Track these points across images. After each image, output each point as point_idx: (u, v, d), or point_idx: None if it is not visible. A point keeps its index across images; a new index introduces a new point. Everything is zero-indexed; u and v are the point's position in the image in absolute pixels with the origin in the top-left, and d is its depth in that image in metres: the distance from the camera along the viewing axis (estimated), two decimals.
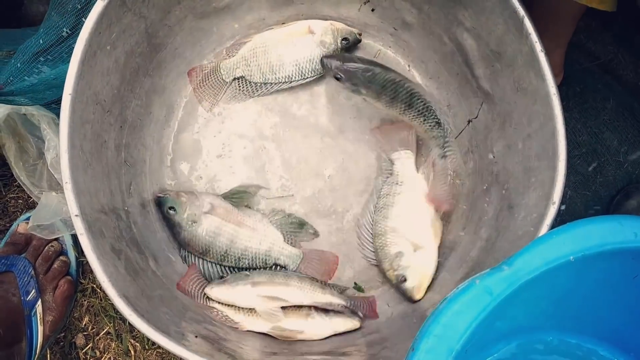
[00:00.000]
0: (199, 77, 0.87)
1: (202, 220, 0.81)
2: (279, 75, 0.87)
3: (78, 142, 0.68)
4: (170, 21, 0.80)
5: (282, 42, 0.86)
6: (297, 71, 0.86)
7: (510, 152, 0.78)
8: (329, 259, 0.86)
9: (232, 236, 0.82)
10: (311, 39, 0.86)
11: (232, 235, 0.82)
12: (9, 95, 0.73)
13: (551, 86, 0.69)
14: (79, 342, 0.91)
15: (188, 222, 0.80)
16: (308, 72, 0.87)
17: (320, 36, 0.86)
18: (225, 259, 0.83)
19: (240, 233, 0.82)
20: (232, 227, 0.82)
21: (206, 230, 0.81)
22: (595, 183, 0.93)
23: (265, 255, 0.83)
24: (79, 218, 0.64)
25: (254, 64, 0.87)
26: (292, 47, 0.86)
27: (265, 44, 0.86)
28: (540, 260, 0.55)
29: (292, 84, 0.88)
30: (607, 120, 0.93)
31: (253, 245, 0.83)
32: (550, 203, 0.67)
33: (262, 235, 0.83)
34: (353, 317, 0.80)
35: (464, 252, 0.82)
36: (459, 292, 0.55)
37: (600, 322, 0.63)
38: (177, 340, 0.64)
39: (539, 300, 0.59)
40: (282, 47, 0.86)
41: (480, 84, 0.82)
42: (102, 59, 0.71)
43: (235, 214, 0.83)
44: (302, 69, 0.87)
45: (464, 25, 0.79)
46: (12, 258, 0.85)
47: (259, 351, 0.73)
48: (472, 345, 0.55)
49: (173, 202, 0.80)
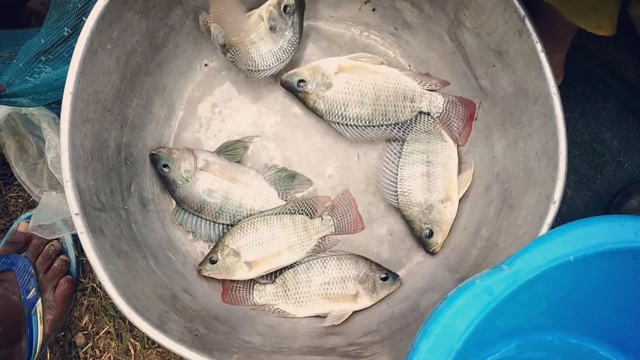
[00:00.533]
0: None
1: (196, 177, 0.81)
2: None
3: (79, 140, 0.68)
4: (171, 20, 0.80)
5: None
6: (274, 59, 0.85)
7: (510, 151, 0.79)
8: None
9: (227, 192, 0.82)
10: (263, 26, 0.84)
11: (226, 191, 0.82)
12: (12, 97, 0.73)
13: (552, 86, 0.69)
14: (79, 341, 0.91)
15: (182, 178, 0.81)
16: (281, 54, 0.85)
17: (267, 22, 0.84)
18: (219, 216, 0.83)
19: (234, 189, 0.83)
20: (227, 183, 0.82)
21: (200, 186, 0.82)
22: (596, 183, 0.93)
23: (259, 212, 0.84)
24: (79, 216, 0.64)
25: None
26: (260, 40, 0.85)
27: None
28: (540, 260, 0.54)
29: (271, 70, 0.85)
30: (608, 120, 0.93)
31: (247, 202, 0.83)
32: (551, 202, 0.67)
33: (257, 191, 0.84)
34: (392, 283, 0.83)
35: (464, 252, 0.82)
36: (459, 291, 0.55)
37: (600, 322, 0.63)
38: (176, 339, 0.64)
39: (539, 300, 0.59)
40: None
41: (481, 83, 0.82)
42: (103, 57, 0.71)
43: (230, 170, 0.83)
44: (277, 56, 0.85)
45: (465, 25, 0.79)
46: (13, 257, 0.86)
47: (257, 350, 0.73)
48: (472, 345, 0.55)
49: (166, 160, 0.81)
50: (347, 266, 0.82)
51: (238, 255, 0.80)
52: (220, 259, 0.80)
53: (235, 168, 0.84)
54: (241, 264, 0.80)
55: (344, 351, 0.75)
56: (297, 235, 0.82)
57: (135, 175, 0.82)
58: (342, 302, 0.82)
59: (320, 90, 0.83)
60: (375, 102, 0.83)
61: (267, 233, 0.81)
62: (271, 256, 0.81)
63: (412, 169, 0.84)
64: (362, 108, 0.84)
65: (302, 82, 0.83)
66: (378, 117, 0.84)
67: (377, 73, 0.84)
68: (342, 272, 0.82)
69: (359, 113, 0.84)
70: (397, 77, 0.84)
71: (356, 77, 0.83)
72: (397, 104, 0.84)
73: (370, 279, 0.82)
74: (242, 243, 0.81)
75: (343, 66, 0.84)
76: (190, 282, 0.82)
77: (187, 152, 0.82)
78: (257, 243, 0.81)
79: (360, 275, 0.82)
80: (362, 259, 0.83)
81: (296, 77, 0.83)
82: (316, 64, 0.84)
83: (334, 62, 0.84)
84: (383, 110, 0.84)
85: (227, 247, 0.80)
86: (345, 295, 0.82)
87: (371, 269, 0.83)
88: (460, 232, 0.85)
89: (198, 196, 0.82)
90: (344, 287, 0.82)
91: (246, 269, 0.80)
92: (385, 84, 0.84)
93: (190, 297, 0.79)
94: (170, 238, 0.84)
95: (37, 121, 0.81)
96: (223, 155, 0.85)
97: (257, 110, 0.89)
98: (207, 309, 0.79)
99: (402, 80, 0.84)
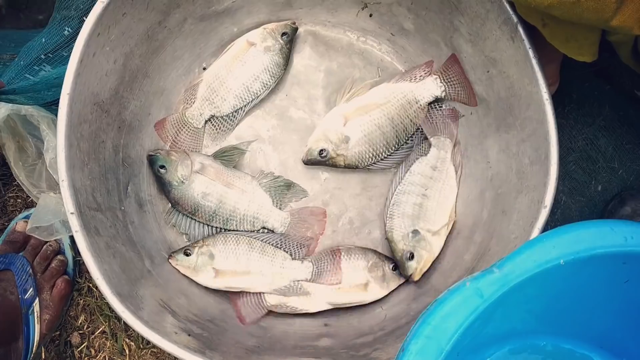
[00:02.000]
0: (171, 132, 0.87)
1: (192, 179, 0.82)
2: (246, 97, 0.87)
3: (75, 140, 0.69)
4: (170, 24, 0.81)
5: (232, 66, 0.87)
6: (260, 85, 0.87)
7: (504, 156, 0.79)
8: (316, 213, 0.87)
9: (221, 196, 0.83)
10: (255, 50, 0.87)
11: (221, 195, 0.83)
12: (11, 94, 0.74)
13: (544, 92, 0.70)
14: (74, 340, 0.92)
15: (178, 180, 0.82)
16: (268, 80, 0.87)
17: (262, 43, 0.87)
18: (213, 219, 0.84)
19: (229, 194, 0.83)
20: (222, 187, 0.83)
21: (196, 189, 0.83)
22: (590, 189, 0.93)
23: (253, 218, 0.84)
24: (74, 215, 0.65)
25: (218, 100, 0.87)
26: (243, 66, 0.86)
27: (218, 76, 0.86)
28: (530, 263, 0.55)
29: (260, 97, 0.88)
30: (603, 127, 0.93)
31: (241, 206, 0.84)
32: (542, 207, 0.68)
33: (251, 197, 0.84)
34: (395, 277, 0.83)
35: (457, 256, 0.82)
36: (449, 293, 0.55)
37: (593, 327, 0.63)
38: (169, 338, 0.65)
39: (531, 304, 0.59)
40: (236, 71, 0.86)
41: (476, 89, 0.82)
42: (100, 59, 0.72)
43: (225, 174, 0.84)
44: (263, 80, 0.87)
45: (460, 32, 0.80)
46: (11, 256, 0.86)
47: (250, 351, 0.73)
48: (463, 348, 0.55)
49: (164, 161, 0.82)
50: (356, 257, 0.83)
51: (212, 259, 0.81)
52: (194, 255, 0.81)
53: (231, 173, 0.85)
54: (209, 269, 0.81)
55: (337, 352, 0.75)
56: (272, 269, 0.82)
57: (133, 176, 0.83)
58: (354, 291, 0.82)
59: (343, 148, 0.84)
60: (393, 125, 0.84)
61: (245, 251, 0.82)
62: (239, 273, 0.81)
63: (407, 197, 0.84)
64: (386, 137, 0.85)
65: (323, 151, 0.84)
66: (402, 135, 0.85)
67: (379, 102, 0.84)
68: (351, 263, 0.83)
69: (387, 143, 0.85)
70: (394, 91, 0.85)
71: (365, 117, 0.84)
72: (409, 114, 0.85)
73: (380, 268, 0.83)
74: (220, 249, 0.82)
75: (346, 114, 0.84)
76: (185, 283, 0.82)
77: (184, 155, 0.83)
78: (233, 255, 0.82)
79: (369, 264, 0.83)
80: (370, 250, 0.84)
81: (315, 151, 0.84)
82: (322, 128, 0.85)
83: (337, 116, 0.85)
84: (402, 127, 0.85)
85: (206, 247, 0.81)
86: (355, 284, 0.82)
87: (380, 258, 0.83)
88: (454, 237, 0.85)
89: (193, 198, 0.83)
90: (354, 277, 0.82)
91: (212, 274, 0.81)
92: (391, 105, 0.84)
93: (185, 298, 0.79)
94: (166, 239, 0.85)
95: (37, 122, 0.82)
96: (219, 160, 0.85)
97: (253, 114, 0.90)
98: (202, 310, 0.79)
99: (399, 90, 0.85)
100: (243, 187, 0.84)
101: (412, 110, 0.85)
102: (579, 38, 0.60)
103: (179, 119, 0.87)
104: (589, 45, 0.61)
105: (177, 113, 0.87)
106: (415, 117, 0.85)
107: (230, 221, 0.84)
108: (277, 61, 0.87)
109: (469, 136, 0.86)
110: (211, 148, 0.89)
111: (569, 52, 0.62)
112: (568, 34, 0.60)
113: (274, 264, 0.82)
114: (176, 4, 0.79)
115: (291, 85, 0.91)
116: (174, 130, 0.87)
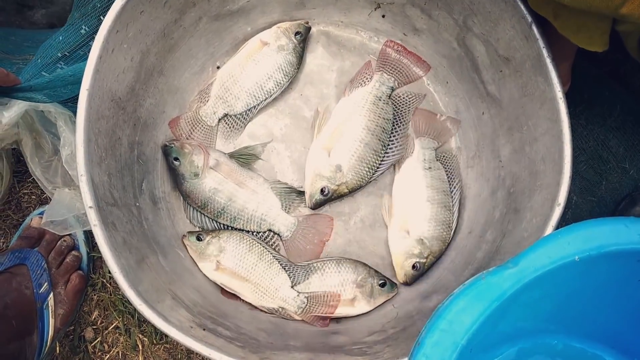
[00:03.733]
0: (185, 130, 0.88)
1: (205, 174, 0.83)
2: (259, 96, 0.88)
3: (93, 136, 0.70)
4: (185, 22, 0.82)
5: (246, 65, 0.87)
6: (273, 84, 0.88)
7: (516, 155, 0.79)
8: (324, 221, 0.87)
9: (232, 195, 0.84)
10: (269, 49, 0.88)
11: (231, 193, 0.84)
12: (27, 92, 0.75)
13: (558, 90, 0.70)
14: (88, 335, 0.92)
15: (190, 174, 0.83)
16: (281, 79, 0.88)
17: (275, 42, 0.88)
18: (221, 216, 0.84)
19: (240, 193, 0.84)
20: (233, 186, 0.84)
21: (207, 184, 0.83)
22: (601, 189, 0.93)
23: (260, 219, 0.85)
24: (93, 210, 0.66)
25: (231, 98, 0.87)
26: (257, 65, 0.87)
27: (232, 75, 0.87)
28: (545, 259, 0.55)
29: (273, 96, 0.89)
30: (614, 127, 0.93)
31: (250, 206, 0.84)
32: (556, 205, 0.68)
33: (261, 199, 0.85)
34: (390, 290, 0.84)
35: (469, 255, 0.83)
36: (465, 288, 0.55)
37: (605, 326, 0.63)
38: (186, 332, 0.66)
39: (544, 301, 0.59)
40: (249, 70, 0.87)
41: (488, 89, 0.83)
42: (118, 57, 0.73)
43: (239, 173, 0.85)
44: (276, 79, 0.88)
45: (473, 31, 0.80)
46: (26, 251, 0.87)
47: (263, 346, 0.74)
48: (476, 345, 0.55)
49: (177, 153, 0.83)
50: (346, 270, 0.83)
51: (219, 252, 0.82)
52: (205, 241, 0.82)
53: (244, 172, 0.85)
54: (213, 259, 0.82)
55: (349, 349, 0.76)
56: (267, 286, 0.82)
57: (147, 173, 0.84)
58: (340, 305, 0.82)
59: (339, 177, 0.84)
60: (371, 133, 0.85)
61: (253, 258, 0.82)
62: (238, 277, 0.82)
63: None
64: (372, 147, 0.85)
65: (323, 189, 0.84)
66: (384, 137, 0.86)
67: (347, 118, 0.85)
68: (340, 276, 0.83)
69: (375, 151, 0.85)
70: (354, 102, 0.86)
71: (343, 139, 0.84)
72: (380, 114, 0.86)
73: (369, 284, 0.83)
74: (231, 246, 0.82)
75: (326, 145, 0.85)
76: (199, 279, 0.83)
77: (199, 149, 0.84)
78: (240, 258, 0.82)
79: (358, 279, 0.83)
80: (360, 264, 0.84)
81: (316, 194, 0.84)
82: (311, 170, 0.85)
83: (319, 151, 0.85)
84: (380, 130, 0.85)
85: (218, 239, 0.82)
86: (343, 299, 0.82)
87: (370, 274, 0.83)
88: (465, 235, 0.86)
89: (204, 193, 0.83)
90: (342, 291, 0.82)
91: (213, 266, 0.82)
92: (359, 115, 0.85)
93: (199, 294, 0.80)
94: (179, 236, 0.85)
95: (54, 119, 0.83)
96: (235, 160, 0.86)
97: (266, 112, 0.91)
98: (215, 306, 0.80)
99: (358, 99, 0.86)
100: (254, 187, 0.85)
101: (380, 110, 0.86)
102: (590, 27, 0.61)
103: (193, 117, 0.88)
104: (599, 34, 0.61)
105: (191, 111, 0.88)
106: (387, 114, 0.86)
107: (238, 220, 0.85)
108: (290, 60, 0.88)
109: (480, 136, 0.87)
110: (224, 147, 0.89)
111: (580, 42, 0.63)
112: (579, 23, 0.61)
113: (271, 283, 0.82)
114: (192, 2, 0.80)
115: (304, 85, 0.91)
116: (188, 128, 0.87)
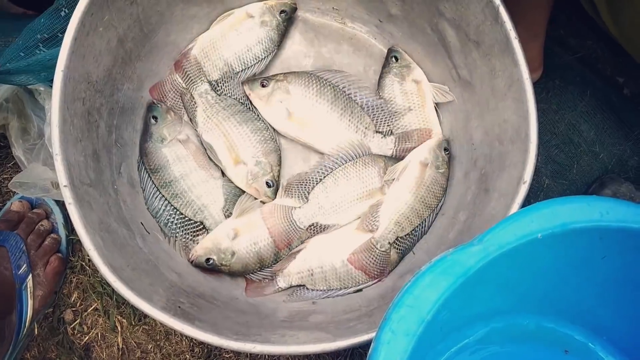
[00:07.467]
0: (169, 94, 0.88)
1: (171, 143, 0.84)
2: (236, 66, 0.89)
3: (69, 117, 0.70)
4: (162, 7, 0.83)
5: (227, 34, 0.88)
6: (252, 56, 0.89)
7: (487, 138, 0.81)
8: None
9: (187, 172, 0.85)
10: (252, 22, 0.88)
11: (188, 170, 0.85)
12: (7, 74, 0.76)
13: (524, 71, 0.72)
14: (67, 317, 0.93)
15: (158, 136, 0.84)
16: (260, 53, 0.89)
17: (259, 17, 0.88)
18: (165, 187, 0.84)
19: (194, 174, 0.85)
20: (193, 164, 0.85)
21: (168, 152, 0.84)
22: (572, 172, 0.95)
23: (198, 208, 0.85)
24: (68, 188, 0.67)
25: (208, 65, 0.88)
26: (238, 36, 0.88)
27: (212, 41, 0.88)
28: (510, 237, 0.56)
29: (251, 70, 0.89)
30: (585, 112, 0.95)
31: (196, 191, 0.85)
32: (522, 182, 0.70)
33: (209, 190, 0.85)
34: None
35: (442, 235, 0.84)
36: (431, 265, 0.56)
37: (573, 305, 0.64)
38: (160, 308, 0.66)
39: (514, 280, 0.60)
40: (231, 39, 0.88)
41: (460, 73, 0.84)
42: (94, 39, 0.74)
43: (201, 158, 0.86)
44: (255, 53, 0.89)
45: (445, 16, 0.82)
46: (5, 233, 0.88)
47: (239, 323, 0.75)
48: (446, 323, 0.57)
49: (159, 114, 0.85)
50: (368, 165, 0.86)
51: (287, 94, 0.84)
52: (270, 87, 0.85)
53: (206, 160, 0.86)
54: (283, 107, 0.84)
55: (325, 326, 0.77)
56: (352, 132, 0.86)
57: (126, 157, 0.85)
58: (373, 196, 0.85)
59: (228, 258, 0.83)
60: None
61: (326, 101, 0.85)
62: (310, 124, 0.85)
63: None
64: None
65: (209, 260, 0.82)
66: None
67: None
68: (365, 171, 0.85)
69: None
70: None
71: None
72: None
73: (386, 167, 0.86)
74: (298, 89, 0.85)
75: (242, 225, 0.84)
76: (177, 261, 0.84)
77: (179, 121, 0.85)
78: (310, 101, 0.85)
79: (380, 169, 0.85)
80: (378, 156, 0.87)
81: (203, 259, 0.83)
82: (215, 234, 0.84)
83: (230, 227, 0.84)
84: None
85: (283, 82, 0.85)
86: (373, 190, 0.85)
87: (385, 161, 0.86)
88: (439, 217, 0.87)
89: (162, 158, 0.84)
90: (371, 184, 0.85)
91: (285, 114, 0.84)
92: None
93: (176, 275, 0.80)
94: None
95: (42, 99, 0.83)
96: None
97: None
98: (192, 287, 0.80)
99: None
100: (209, 177, 0.86)
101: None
102: None
103: (171, 81, 0.89)
104: None
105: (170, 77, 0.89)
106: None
107: (176, 199, 0.84)
108: (271, 36, 0.89)
109: (454, 121, 0.88)
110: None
111: None
112: None
113: (358, 129, 0.84)
114: None
115: (280, 71, 0.92)
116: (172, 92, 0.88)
